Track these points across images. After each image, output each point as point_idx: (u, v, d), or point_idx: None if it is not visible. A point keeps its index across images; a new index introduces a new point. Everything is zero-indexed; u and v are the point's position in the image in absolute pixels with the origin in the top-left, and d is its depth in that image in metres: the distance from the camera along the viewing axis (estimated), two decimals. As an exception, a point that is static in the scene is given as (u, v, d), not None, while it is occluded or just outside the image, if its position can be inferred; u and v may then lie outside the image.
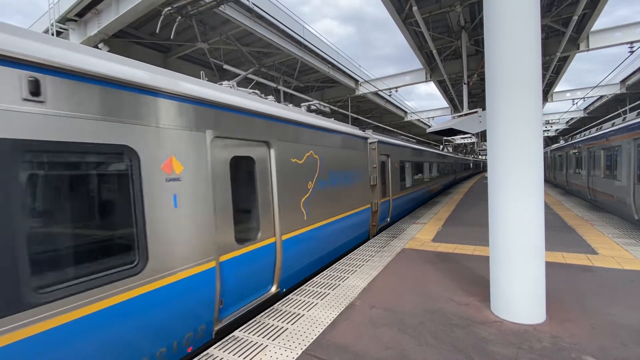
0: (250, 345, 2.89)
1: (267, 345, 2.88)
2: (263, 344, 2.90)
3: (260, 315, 3.48)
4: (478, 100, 21.66)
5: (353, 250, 6.27)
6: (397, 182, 9.88)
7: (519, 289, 3.10)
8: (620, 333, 2.83)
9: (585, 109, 27.19)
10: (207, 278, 3.16)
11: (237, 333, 3.12)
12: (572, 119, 31.47)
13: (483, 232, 6.96)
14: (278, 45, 10.99)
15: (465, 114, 9.54)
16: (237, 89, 4.42)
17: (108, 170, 2.56)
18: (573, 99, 21.26)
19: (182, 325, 2.92)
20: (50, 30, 8.09)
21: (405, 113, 26.03)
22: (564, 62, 15.07)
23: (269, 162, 4.28)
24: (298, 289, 4.20)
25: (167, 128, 2.88)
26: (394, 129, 27.08)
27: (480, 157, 51.43)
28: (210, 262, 3.18)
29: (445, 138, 30.67)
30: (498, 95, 3.14)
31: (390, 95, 18.45)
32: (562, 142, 18.45)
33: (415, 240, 6.64)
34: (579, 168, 12.63)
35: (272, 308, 3.66)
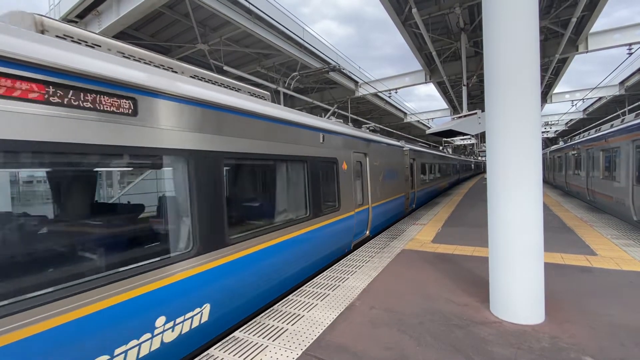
0: (251, 346, 2.90)
1: (267, 346, 2.89)
2: (263, 345, 2.91)
3: (260, 316, 3.48)
4: (477, 102, 21.70)
5: (399, 221, 9.44)
6: (419, 178, 13.07)
7: (518, 290, 3.11)
8: (619, 333, 2.85)
9: (585, 110, 27.22)
10: (361, 215, 6.91)
11: (237, 334, 3.12)
12: (571, 121, 31.49)
13: (482, 232, 6.94)
14: (278, 47, 11.02)
15: (465, 116, 9.58)
16: (351, 126, 7.91)
17: (331, 168, 5.91)
18: (572, 101, 21.32)
19: (347, 237, 6.32)
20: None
21: (405, 114, 26.06)
22: (563, 63, 15.12)
23: (366, 164, 7.57)
24: (298, 290, 4.20)
25: (341, 149, 6.26)
26: (394, 131, 27.11)
27: (480, 158, 51.42)
28: (351, 211, 6.44)
29: (445, 139, 30.69)
30: (497, 97, 3.16)
31: (390, 97, 18.49)
32: (561, 143, 18.47)
33: (415, 241, 6.65)
34: (578, 169, 12.65)
35: (272, 309, 3.66)
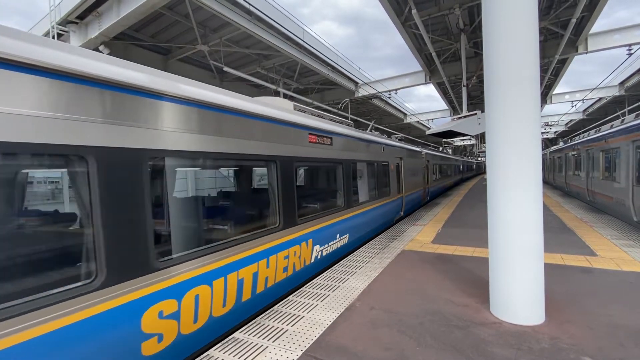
0: (250, 347, 2.90)
1: (267, 347, 2.89)
2: (263, 345, 2.91)
3: (260, 317, 3.48)
4: (477, 102, 21.70)
5: (419, 208, 12.56)
6: (432, 177, 16.10)
7: (518, 290, 3.11)
8: (619, 334, 2.85)
9: (584, 111, 27.23)
10: (399, 201, 9.90)
11: (237, 334, 3.13)
12: (571, 121, 31.50)
13: (482, 233, 6.96)
14: (278, 48, 11.03)
15: (465, 116, 9.59)
16: (394, 139, 11.37)
17: (387, 168, 9.00)
18: (572, 101, 21.32)
19: (394, 212, 9.43)
20: (51, 33, 8.11)
21: (405, 115, 26.07)
22: (563, 64, 15.13)
23: (402, 165, 10.42)
24: (298, 291, 4.20)
25: (390, 155, 9.28)
26: (395, 131, 27.12)
27: (480, 158, 51.43)
28: (395, 197, 9.50)
29: (445, 140, 30.69)
30: (497, 97, 3.17)
31: (390, 97, 18.49)
32: (561, 143, 18.47)
33: (415, 242, 6.65)
34: (578, 170, 12.66)
35: (272, 309, 3.66)
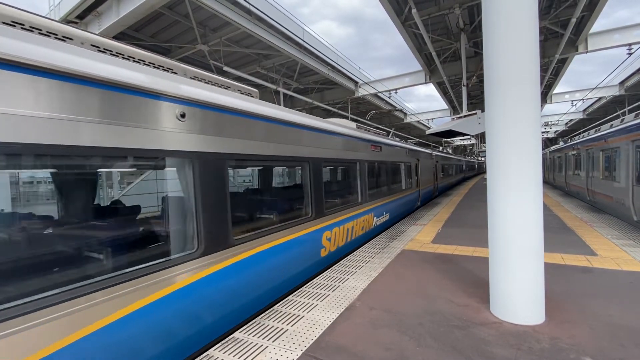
0: (250, 347, 2.90)
1: (267, 347, 2.89)
2: (263, 345, 2.91)
3: (260, 317, 3.48)
4: (477, 102, 21.70)
5: (430, 201, 14.69)
6: (440, 175, 18.36)
7: (518, 290, 3.11)
8: (619, 334, 2.85)
9: (584, 111, 27.23)
10: (417, 193, 12.18)
11: (237, 334, 3.12)
12: (571, 121, 31.51)
13: (482, 233, 6.96)
14: (278, 48, 11.03)
15: (465, 116, 9.58)
16: (412, 144, 14.67)
17: (409, 167, 11.51)
18: (572, 101, 21.32)
19: (413, 202, 11.80)
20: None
21: (405, 114, 26.05)
22: (563, 63, 15.13)
23: (418, 165, 12.56)
24: (298, 291, 4.20)
25: (411, 157, 12.05)
26: (395, 132, 27.09)
27: (480, 158, 51.48)
28: (414, 190, 11.88)
29: (445, 140, 30.71)
30: (497, 97, 3.16)
31: (390, 97, 18.48)
32: (561, 143, 18.48)
33: (415, 242, 6.64)
34: (578, 169, 12.66)
35: (272, 309, 3.66)
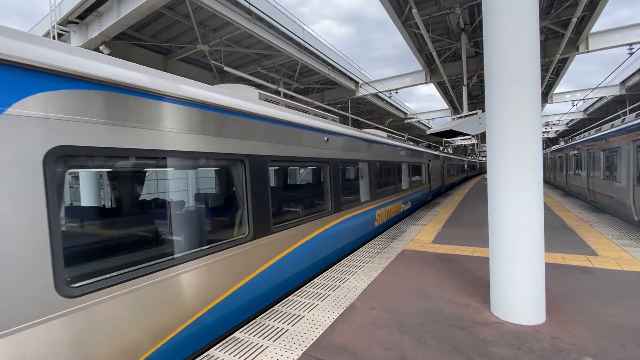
0: (251, 347, 2.90)
1: (267, 347, 2.89)
2: (263, 345, 2.91)
3: (261, 317, 3.49)
4: (478, 102, 21.68)
5: (438, 196, 16.82)
6: (446, 174, 20.50)
7: (519, 290, 3.11)
8: (620, 334, 2.84)
9: (585, 111, 27.18)
10: (428, 189, 14.81)
11: (237, 334, 3.13)
12: (572, 121, 31.45)
13: (483, 233, 6.97)
14: (278, 48, 11.02)
15: (465, 116, 9.57)
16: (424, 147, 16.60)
17: (423, 166, 13.91)
18: (573, 101, 21.27)
19: (426, 195, 14.40)
20: (52, 33, 8.12)
21: (405, 114, 26.03)
22: (564, 63, 15.09)
23: (429, 165, 15.00)
24: (298, 291, 4.21)
25: (425, 158, 14.58)
26: (395, 131, 27.10)
27: (480, 158, 51.45)
28: (427, 186, 14.62)
29: (445, 140, 30.68)
30: (497, 97, 3.16)
31: (390, 97, 18.47)
32: (562, 143, 18.45)
33: (415, 242, 6.64)
34: (579, 169, 12.64)
35: (272, 309, 3.67)
